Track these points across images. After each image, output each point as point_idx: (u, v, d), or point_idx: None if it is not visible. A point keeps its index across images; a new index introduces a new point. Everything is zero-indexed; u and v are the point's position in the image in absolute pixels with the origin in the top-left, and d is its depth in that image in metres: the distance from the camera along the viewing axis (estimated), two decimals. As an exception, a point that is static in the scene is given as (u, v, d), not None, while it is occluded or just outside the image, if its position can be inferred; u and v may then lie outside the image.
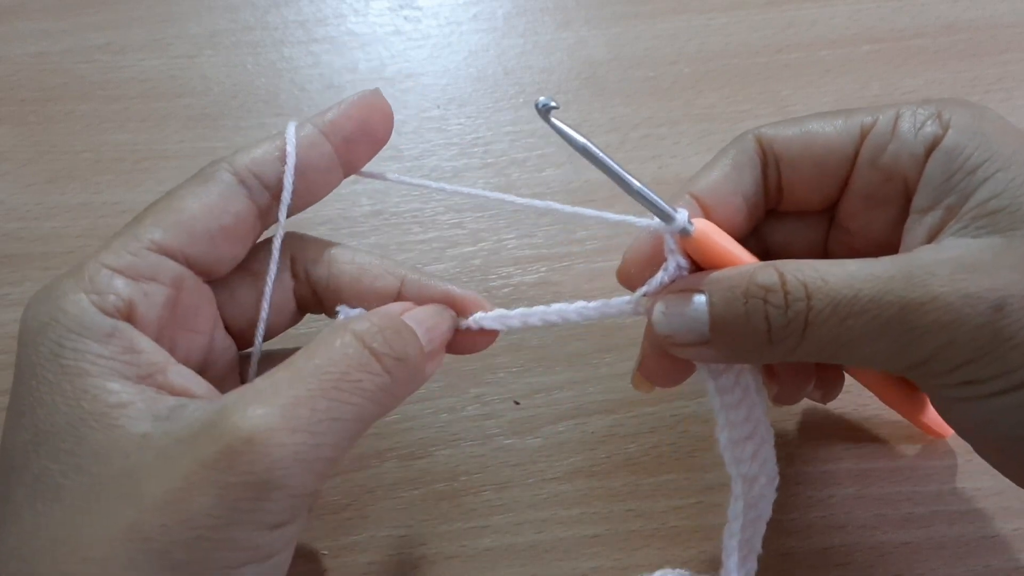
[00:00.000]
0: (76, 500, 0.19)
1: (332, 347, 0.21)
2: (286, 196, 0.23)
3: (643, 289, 0.24)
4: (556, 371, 0.34)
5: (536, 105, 0.23)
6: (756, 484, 0.25)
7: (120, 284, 0.21)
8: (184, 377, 0.21)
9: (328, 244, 0.26)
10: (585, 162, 0.40)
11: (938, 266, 0.20)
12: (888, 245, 0.24)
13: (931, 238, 0.22)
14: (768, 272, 0.22)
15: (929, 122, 0.23)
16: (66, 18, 0.43)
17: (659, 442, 0.33)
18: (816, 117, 0.25)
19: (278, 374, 0.20)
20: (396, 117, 0.42)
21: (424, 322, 0.23)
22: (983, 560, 0.30)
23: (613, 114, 0.41)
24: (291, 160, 0.23)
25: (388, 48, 0.43)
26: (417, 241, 0.37)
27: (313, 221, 0.38)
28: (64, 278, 0.21)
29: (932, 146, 0.23)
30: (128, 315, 0.21)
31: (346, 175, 0.25)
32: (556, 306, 0.25)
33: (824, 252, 0.27)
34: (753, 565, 0.27)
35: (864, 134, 0.24)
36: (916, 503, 0.31)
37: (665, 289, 0.24)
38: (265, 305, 0.24)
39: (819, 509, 0.31)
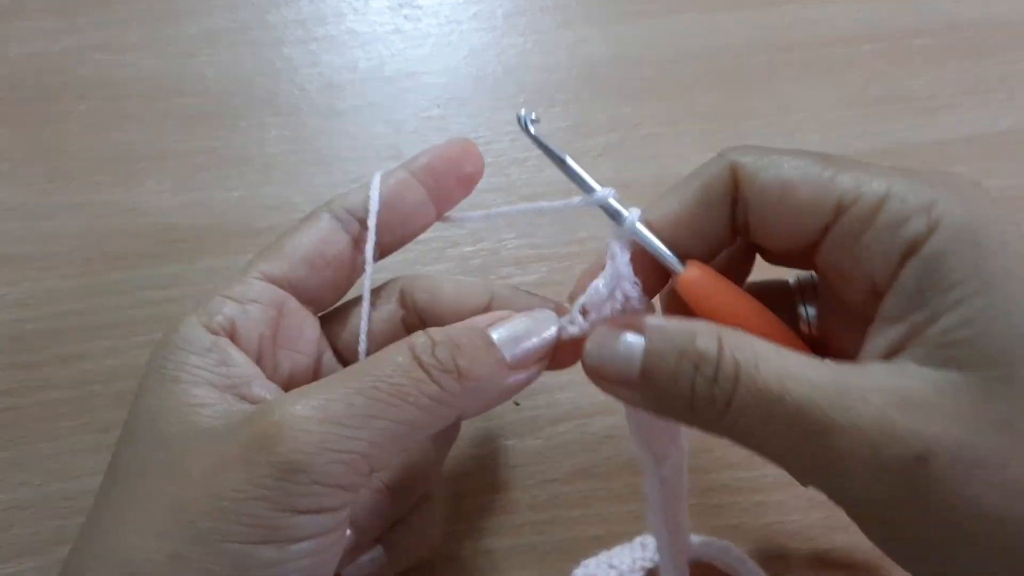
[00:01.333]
0: (135, 481, 0.21)
1: (385, 354, 0.22)
2: (371, 237, 0.25)
3: (581, 301, 0.23)
4: (556, 372, 0.34)
5: (518, 118, 0.24)
6: (667, 462, 0.25)
7: (227, 306, 0.24)
8: (267, 390, 0.23)
9: (435, 278, 0.27)
10: (586, 161, 0.39)
11: (876, 394, 0.18)
12: (867, 304, 0.22)
13: (890, 353, 0.20)
14: (709, 339, 0.20)
15: (916, 217, 0.20)
16: (65, 18, 0.43)
17: (660, 443, 0.33)
18: (798, 164, 0.22)
19: (331, 376, 0.22)
20: (394, 117, 0.42)
21: (510, 332, 0.23)
22: (986, 562, 0.30)
23: (614, 113, 0.41)
24: (374, 206, 0.25)
25: (388, 47, 0.43)
26: (418, 241, 0.37)
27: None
28: (192, 311, 0.24)
29: (910, 251, 0.20)
30: (231, 332, 0.23)
31: (439, 213, 0.27)
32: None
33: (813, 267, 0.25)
34: (689, 541, 0.27)
35: (840, 211, 0.21)
36: (918, 504, 0.31)
37: (607, 320, 0.23)
38: (364, 326, 0.26)
39: (821, 510, 0.31)
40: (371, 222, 0.25)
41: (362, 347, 0.26)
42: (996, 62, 0.42)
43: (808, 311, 0.25)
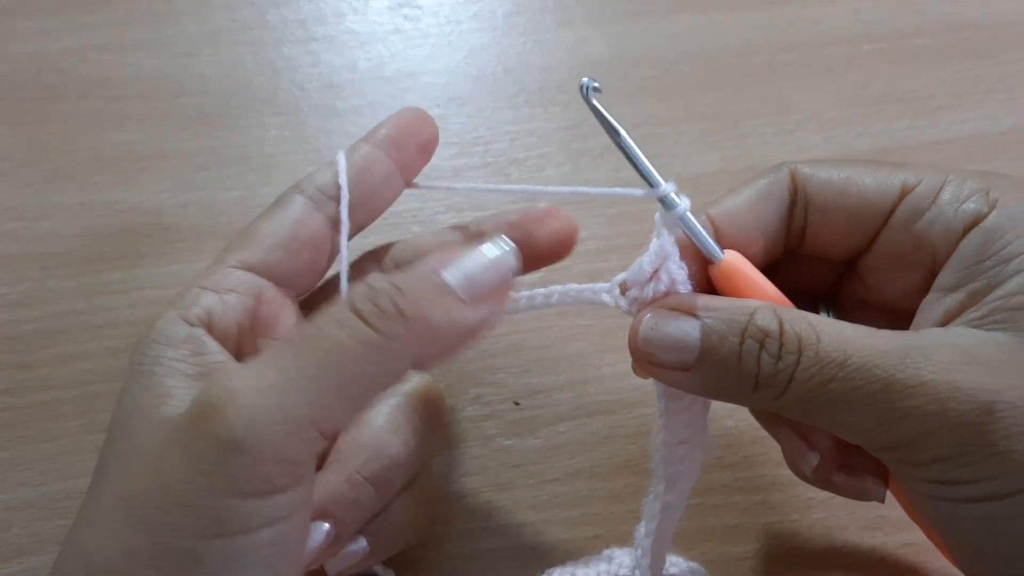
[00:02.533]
0: (102, 477, 0.21)
1: (322, 313, 0.20)
2: (344, 213, 0.25)
3: (622, 276, 0.23)
4: (556, 372, 0.34)
5: (581, 86, 0.24)
6: (677, 486, 0.25)
7: (204, 297, 0.24)
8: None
9: (419, 237, 0.28)
10: (585, 161, 0.40)
11: (937, 351, 0.19)
12: (903, 310, 0.23)
13: (946, 321, 0.21)
14: (769, 316, 0.21)
15: (974, 198, 0.22)
16: (64, 17, 0.43)
17: (660, 443, 0.33)
18: (857, 164, 0.24)
19: (268, 345, 0.22)
20: (396, 116, 0.42)
21: (460, 266, 0.21)
22: (985, 562, 0.30)
23: (613, 113, 0.41)
24: (344, 184, 0.25)
25: (388, 47, 0.43)
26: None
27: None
28: (169, 305, 0.24)
29: (972, 224, 0.21)
30: (207, 323, 0.23)
31: (406, 183, 0.27)
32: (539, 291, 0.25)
33: (835, 298, 0.26)
34: (666, 550, 0.27)
35: (904, 193, 0.23)
36: (918, 504, 0.31)
37: (657, 301, 0.22)
38: (344, 279, 0.26)
39: (820, 510, 0.31)
40: (343, 198, 0.25)
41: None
42: (996, 62, 0.42)
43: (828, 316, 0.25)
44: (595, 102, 0.23)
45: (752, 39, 0.43)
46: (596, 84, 0.23)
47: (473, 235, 0.27)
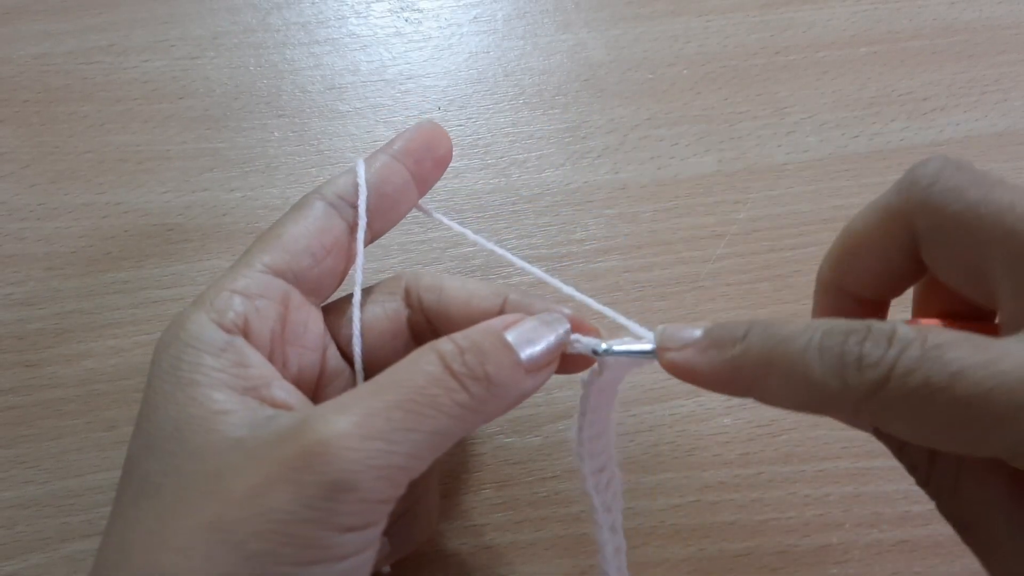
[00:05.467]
0: (169, 496, 0.20)
1: (414, 364, 0.21)
2: (362, 223, 0.25)
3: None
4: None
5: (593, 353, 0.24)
6: (604, 473, 0.26)
7: (237, 302, 0.23)
8: (287, 392, 0.23)
9: (439, 275, 0.27)
10: (584, 163, 0.40)
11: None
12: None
13: None
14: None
15: None
16: (68, 19, 0.43)
17: (658, 440, 0.33)
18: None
19: (362, 388, 0.21)
20: (396, 119, 0.43)
21: (525, 335, 0.23)
22: (979, 558, 0.31)
23: (612, 116, 0.41)
24: (363, 193, 0.25)
25: (389, 50, 0.43)
26: (417, 241, 0.38)
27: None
28: (192, 306, 0.23)
29: None
30: (244, 330, 0.23)
31: (420, 194, 0.27)
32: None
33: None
34: (622, 544, 0.27)
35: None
36: (913, 501, 0.32)
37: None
38: (356, 319, 0.25)
39: (816, 507, 0.32)
40: (360, 207, 0.25)
41: (356, 348, 0.25)
42: (991, 64, 0.43)
43: None
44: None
45: (749, 42, 0.43)
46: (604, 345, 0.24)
47: (516, 302, 0.26)
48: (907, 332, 0.18)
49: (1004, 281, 0.19)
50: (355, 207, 0.25)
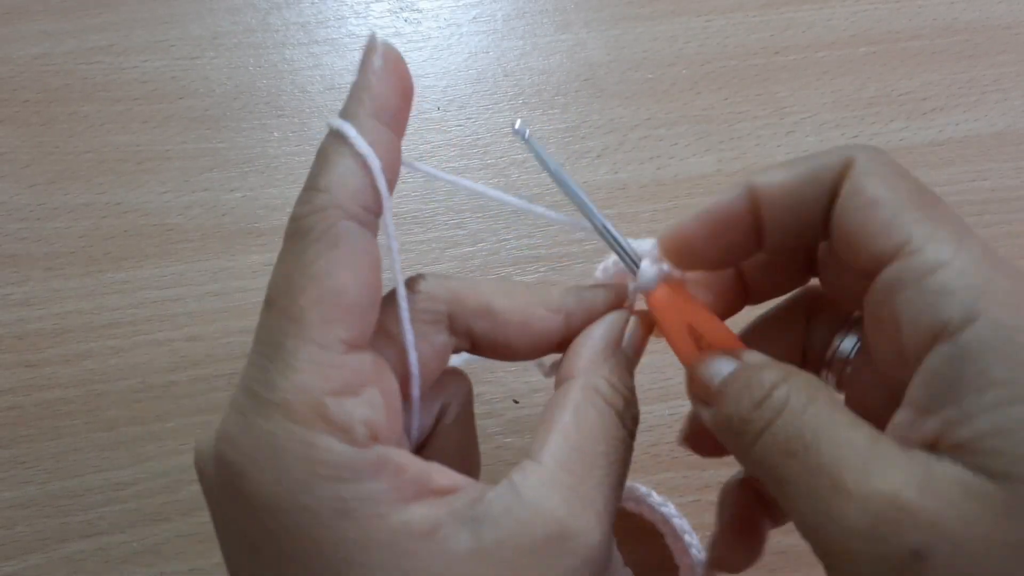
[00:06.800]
0: None
1: (599, 424, 0.21)
2: (392, 241, 0.20)
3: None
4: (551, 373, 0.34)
5: (514, 129, 0.23)
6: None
7: (352, 408, 0.18)
8: (445, 475, 0.20)
9: (477, 289, 0.23)
10: (583, 162, 0.40)
11: (897, 472, 0.17)
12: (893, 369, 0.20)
13: (923, 443, 0.18)
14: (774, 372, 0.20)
15: (962, 293, 0.17)
16: (68, 20, 0.43)
17: (657, 440, 0.33)
18: (901, 186, 0.20)
19: (568, 458, 0.20)
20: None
21: (634, 346, 0.23)
22: (979, 558, 0.31)
23: (612, 115, 0.41)
24: (387, 202, 0.20)
25: (388, 50, 0.43)
26: (417, 241, 0.38)
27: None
28: (277, 420, 0.18)
29: (944, 332, 0.17)
30: (375, 436, 0.19)
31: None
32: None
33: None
34: None
35: (901, 253, 0.19)
36: (913, 501, 0.32)
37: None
38: (412, 356, 0.21)
39: (816, 507, 0.32)
40: (387, 218, 0.20)
41: (415, 395, 0.22)
42: (990, 64, 0.43)
43: (844, 345, 0.24)
44: (534, 146, 0.23)
45: (749, 42, 0.43)
46: (526, 128, 0.23)
47: (578, 315, 0.24)
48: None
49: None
50: (376, 214, 0.20)
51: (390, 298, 0.21)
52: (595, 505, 0.20)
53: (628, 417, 0.22)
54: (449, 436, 0.24)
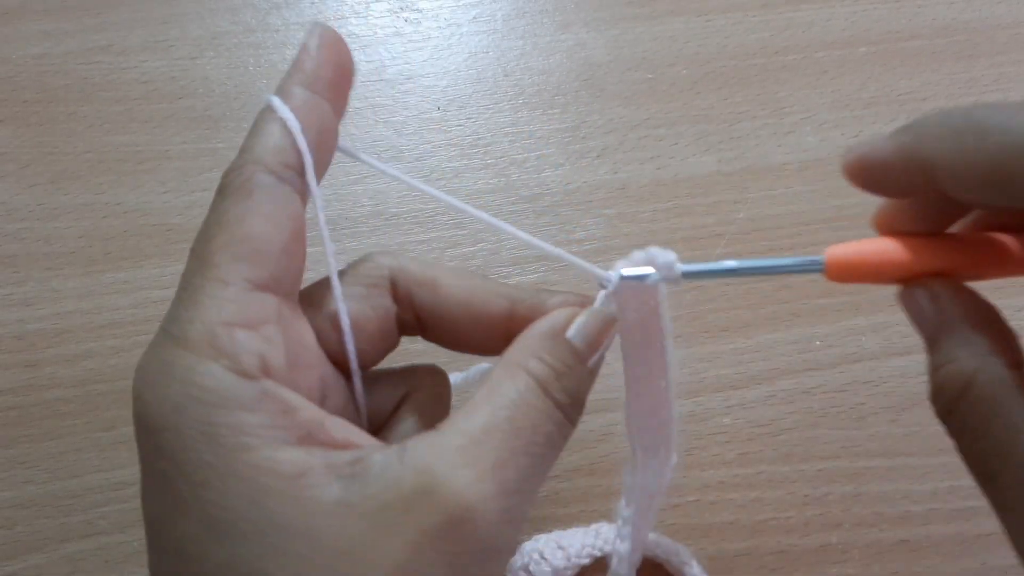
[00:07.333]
0: None
1: (517, 396, 0.20)
2: (316, 193, 0.20)
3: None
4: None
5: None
6: (656, 456, 0.24)
7: (243, 339, 0.18)
8: (342, 428, 0.19)
9: (426, 264, 0.23)
10: (583, 163, 0.40)
11: None
12: None
13: None
14: None
15: None
16: (68, 20, 0.43)
17: (657, 441, 0.33)
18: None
19: (470, 426, 0.19)
20: (395, 119, 0.43)
21: (586, 336, 0.22)
22: (980, 558, 0.31)
23: (612, 115, 0.41)
24: (308, 157, 0.20)
25: (388, 50, 0.43)
26: (417, 241, 0.38)
27: (312, 221, 0.38)
28: (175, 348, 0.18)
29: None
30: (265, 371, 0.19)
31: (339, 119, 0.22)
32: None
33: None
34: (648, 528, 0.26)
35: None
36: (913, 501, 0.32)
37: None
38: (344, 320, 0.21)
39: (816, 507, 0.32)
40: (309, 172, 0.20)
41: (353, 365, 0.22)
42: (989, 64, 0.43)
43: None
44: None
45: (748, 42, 0.43)
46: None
47: (526, 303, 0.23)
48: None
49: None
50: (301, 174, 0.20)
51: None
52: (491, 473, 0.18)
53: (559, 390, 0.20)
54: (410, 424, 0.23)
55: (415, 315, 0.23)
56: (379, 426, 0.24)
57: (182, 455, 0.18)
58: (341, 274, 0.23)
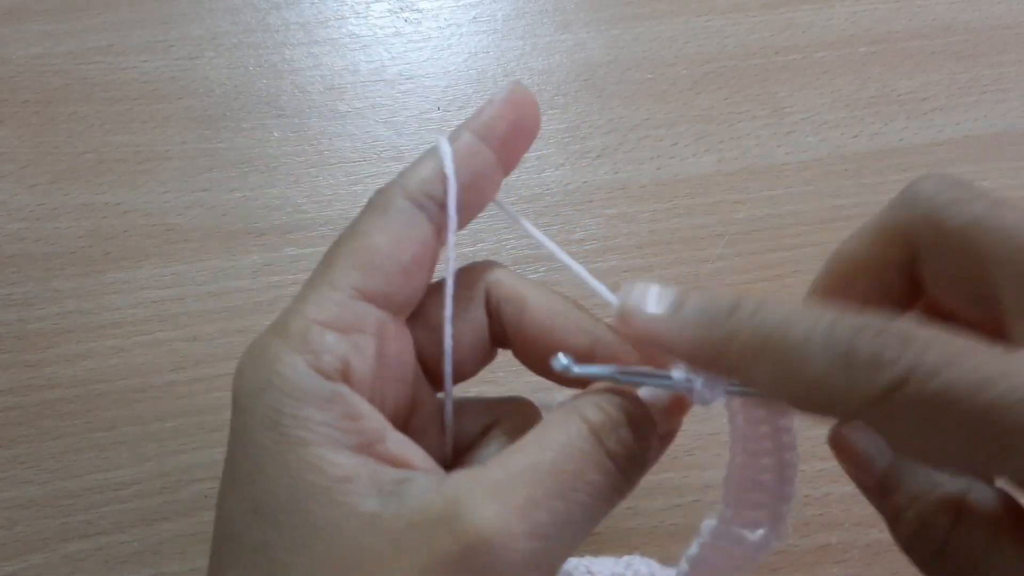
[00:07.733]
0: (291, 572, 0.18)
1: (566, 440, 0.19)
2: (452, 215, 0.21)
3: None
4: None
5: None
6: (747, 516, 0.21)
7: (332, 340, 0.19)
8: (402, 445, 0.20)
9: (519, 281, 0.23)
10: (583, 163, 0.40)
11: None
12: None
13: None
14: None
15: None
16: (68, 20, 0.43)
17: (657, 441, 0.33)
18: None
19: (512, 463, 0.19)
20: (395, 119, 0.43)
21: (661, 400, 0.21)
22: (979, 557, 0.31)
23: (611, 116, 0.41)
24: (452, 180, 0.21)
25: (389, 50, 0.43)
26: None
27: (315, 221, 0.38)
28: (272, 337, 0.19)
29: None
30: (345, 375, 0.19)
31: (505, 175, 0.23)
32: None
33: None
34: None
35: None
36: (913, 501, 0.32)
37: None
38: (447, 339, 0.22)
39: (816, 507, 0.32)
40: (450, 207, 0.21)
41: (448, 386, 0.22)
42: (990, 64, 0.43)
43: None
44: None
45: (748, 42, 0.43)
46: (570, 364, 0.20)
47: (608, 345, 0.22)
48: (925, 333, 0.16)
49: (1012, 300, 0.18)
50: (442, 206, 0.21)
51: (436, 289, 0.22)
52: (520, 511, 0.18)
53: (614, 441, 0.19)
54: (493, 449, 0.23)
55: (500, 330, 0.23)
56: (464, 448, 0.24)
57: (248, 435, 0.19)
58: (439, 283, 0.22)
